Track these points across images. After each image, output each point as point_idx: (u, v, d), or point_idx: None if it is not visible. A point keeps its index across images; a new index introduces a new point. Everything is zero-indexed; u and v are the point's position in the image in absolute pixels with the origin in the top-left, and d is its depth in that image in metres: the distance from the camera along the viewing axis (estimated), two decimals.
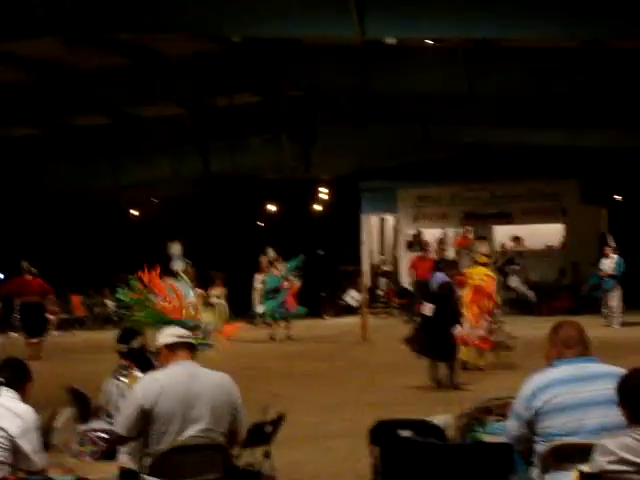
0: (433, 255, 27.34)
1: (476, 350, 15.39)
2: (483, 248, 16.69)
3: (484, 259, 16.01)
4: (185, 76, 20.49)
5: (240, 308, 28.17)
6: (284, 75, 19.81)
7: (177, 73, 20.36)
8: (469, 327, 15.18)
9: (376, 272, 30.75)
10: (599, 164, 27.12)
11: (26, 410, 5.56)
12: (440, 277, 14.27)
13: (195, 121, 23.77)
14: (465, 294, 15.51)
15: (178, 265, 14.01)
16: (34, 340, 20.47)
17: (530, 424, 5.33)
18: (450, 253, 28.07)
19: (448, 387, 13.41)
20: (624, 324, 22.01)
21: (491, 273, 16.04)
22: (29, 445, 5.43)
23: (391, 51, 17.82)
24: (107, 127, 24.64)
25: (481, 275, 15.68)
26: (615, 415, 4.84)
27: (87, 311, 29.37)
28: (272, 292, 22.47)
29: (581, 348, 5.48)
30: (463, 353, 15.03)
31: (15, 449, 5.39)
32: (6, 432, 5.39)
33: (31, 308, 20.84)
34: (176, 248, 14.03)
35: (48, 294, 21.67)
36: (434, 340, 13.57)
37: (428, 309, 13.80)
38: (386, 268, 30.39)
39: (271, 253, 22.65)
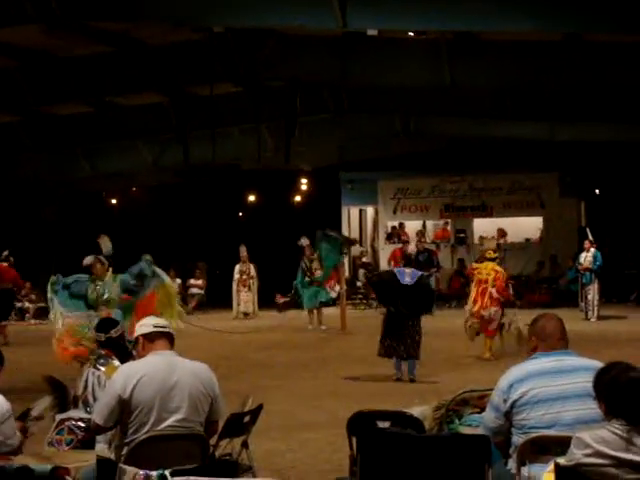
0: (413, 247, 27.52)
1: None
2: (491, 244, 17.23)
3: (492, 254, 16.40)
4: (167, 65, 20.38)
5: (219, 299, 28.19)
6: (265, 65, 19.73)
7: (159, 62, 20.24)
8: (478, 316, 15.69)
9: (356, 263, 30.78)
10: (579, 158, 27.24)
11: None
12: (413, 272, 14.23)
13: (176, 110, 23.69)
14: (472, 287, 16.23)
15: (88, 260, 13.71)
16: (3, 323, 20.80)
17: (507, 416, 5.37)
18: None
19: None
20: (601, 317, 22.13)
21: (498, 267, 16.32)
22: (1, 435, 5.50)
23: (373, 43, 17.76)
24: (87, 115, 24.50)
25: (488, 270, 16.03)
26: (592, 408, 4.88)
27: None
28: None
29: (560, 341, 5.53)
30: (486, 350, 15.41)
31: None
32: None
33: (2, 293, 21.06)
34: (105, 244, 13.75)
35: (20, 286, 22.09)
36: (398, 337, 13.61)
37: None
38: (365, 259, 30.41)
39: (305, 241, 22.31)
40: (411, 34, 17.79)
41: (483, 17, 14.71)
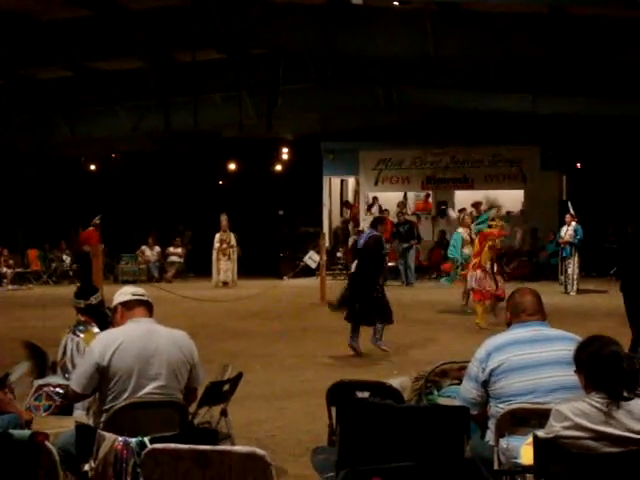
0: (392, 217, 27.51)
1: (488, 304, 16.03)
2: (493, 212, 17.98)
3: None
4: (149, 30, 20.24)
5: (199, 267, 28.18)
6: (249, 32, 19.62)
7: (140, 27, 20.11)
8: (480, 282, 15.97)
9: (337, 234, 30.76)
10: (560, 131, 27.27)
11: None
12: (367, 233, 13.80)
13: (157, 76, 23.54)
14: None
15: None
16: None
17: (485, 385, 5.40)
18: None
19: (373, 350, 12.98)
20: (581, 291, 22.20)
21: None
22: None
23: (357, 12, 17.71)
24: (68, 80, 24.34)
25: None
26: (570, 375, 4.87)
27: (43, 265, 29.18)
28: None
29: (536, 314, 5.57)
30: (479, 316, 15.60)
31: None
32: None
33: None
34: None
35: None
36: (357, 301, 12.98)
37: (354, 266, 13.45)
38: (360, 229, 30.01)
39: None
40: (396, 3, 17.71)
41: None
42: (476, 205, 28.81)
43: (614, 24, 17.23)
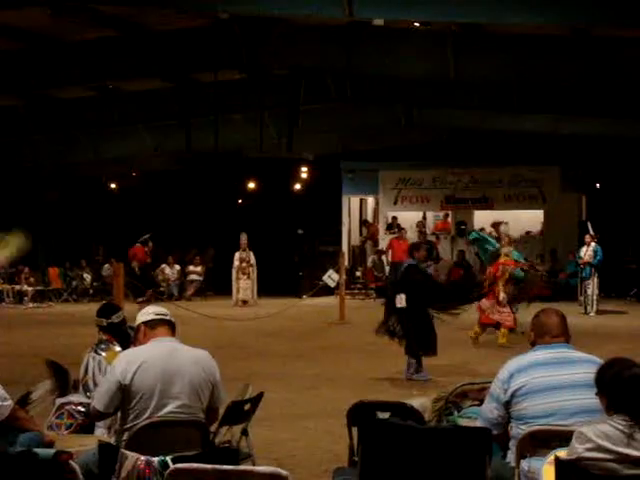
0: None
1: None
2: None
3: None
4: (171, 51, 20.30)
5: (219, 286, 28.23)
6: (270, 53, 19.68)
7: (163, 48, 20.20)
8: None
9: (355, 253, 30.79)
10: (580, 152, 27.24)
11: None
12: (405, 264, 13.30)
13: (179, 96, 23.64)
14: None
15: None
16: None
17: (506, 406, 5.39)
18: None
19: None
20: (600, 312, 22.14)
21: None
22: None
23: (379, 33, 17.72)
24: (91, 100, 24.48)
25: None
26: (592, 398, 4.86)
27: (64, 283, 29.31)
28: None
29: (561, 335, 5.55)
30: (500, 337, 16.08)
31: None
32: None
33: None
34: None
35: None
36: (419, 332, 12.67)
37: (400, 300, 12.68)
38: (380, 248, 29.82)
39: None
40: (417, 25, 17.74)
41: (489, 9, 14.68)
42: (496, 225, 28.87)
43: (636, 45, 17.21)
